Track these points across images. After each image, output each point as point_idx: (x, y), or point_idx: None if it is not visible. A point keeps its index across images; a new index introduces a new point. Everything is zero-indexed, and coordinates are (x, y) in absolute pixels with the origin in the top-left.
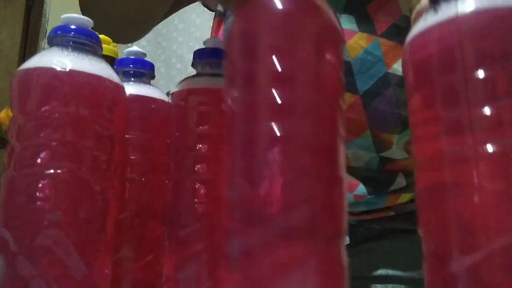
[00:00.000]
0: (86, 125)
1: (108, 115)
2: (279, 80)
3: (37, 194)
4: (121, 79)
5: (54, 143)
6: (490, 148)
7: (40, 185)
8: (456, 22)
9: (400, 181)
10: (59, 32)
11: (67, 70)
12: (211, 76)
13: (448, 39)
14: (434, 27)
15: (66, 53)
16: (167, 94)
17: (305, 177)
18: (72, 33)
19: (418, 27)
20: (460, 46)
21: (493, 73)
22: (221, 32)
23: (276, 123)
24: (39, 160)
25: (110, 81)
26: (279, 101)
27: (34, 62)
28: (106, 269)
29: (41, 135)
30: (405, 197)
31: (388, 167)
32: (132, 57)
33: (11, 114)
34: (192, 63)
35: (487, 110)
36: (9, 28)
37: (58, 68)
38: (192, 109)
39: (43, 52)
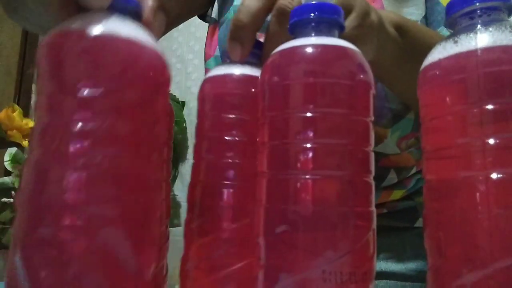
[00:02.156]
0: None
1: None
2: None
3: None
4: None
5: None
6: None
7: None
8: (475, 54)
9: (392, 177)
10: None
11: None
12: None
13: (467, 69)
14: (453, 56)
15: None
16: None
17: None
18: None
19: (436, 54)
20: (478, 77)
21: (507, 106)
22: (215, 38)
23: None
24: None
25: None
26: None
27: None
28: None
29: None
30: (397, 194)
31: (381, 163)
32: None
33: (11, 114)
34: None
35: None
36: (9, 28)
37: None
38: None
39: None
